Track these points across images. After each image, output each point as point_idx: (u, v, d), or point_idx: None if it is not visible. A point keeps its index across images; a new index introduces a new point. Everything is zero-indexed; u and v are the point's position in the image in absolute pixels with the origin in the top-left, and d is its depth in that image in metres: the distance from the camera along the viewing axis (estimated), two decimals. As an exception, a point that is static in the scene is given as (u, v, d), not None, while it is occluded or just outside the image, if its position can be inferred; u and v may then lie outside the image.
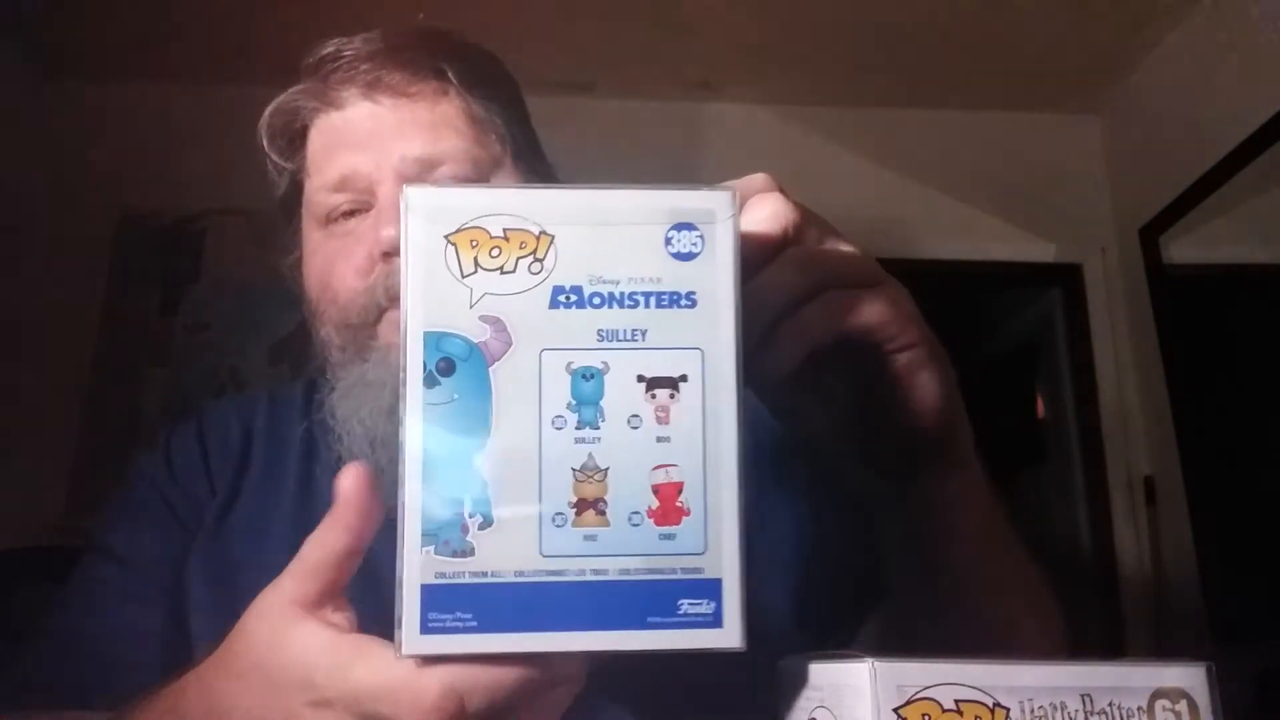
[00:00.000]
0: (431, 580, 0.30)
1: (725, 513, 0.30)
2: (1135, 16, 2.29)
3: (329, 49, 0.63)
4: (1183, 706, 0.31)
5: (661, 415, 0.31)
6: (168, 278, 2.47)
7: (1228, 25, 2.17)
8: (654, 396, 0.31)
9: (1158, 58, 2.43)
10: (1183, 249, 2.35)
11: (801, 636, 0.48)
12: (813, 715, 0.33)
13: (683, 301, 0.31)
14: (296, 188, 0.66)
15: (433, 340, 0.32)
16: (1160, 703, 0.31)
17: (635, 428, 0.31)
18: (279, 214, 0.70)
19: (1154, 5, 2.25)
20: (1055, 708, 0.31)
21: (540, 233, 0.32)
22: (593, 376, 0.31)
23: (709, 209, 0.32)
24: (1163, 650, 2.30)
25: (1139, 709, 0.31)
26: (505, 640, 0.30)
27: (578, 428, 0.31)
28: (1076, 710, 0.31)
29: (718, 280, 0.31)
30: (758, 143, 2.67)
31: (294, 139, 0.65)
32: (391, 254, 0.57)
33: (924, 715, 0.30)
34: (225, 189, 2.33)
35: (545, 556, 0.30)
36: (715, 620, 0.30)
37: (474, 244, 0.32)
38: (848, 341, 0.38)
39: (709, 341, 0.31)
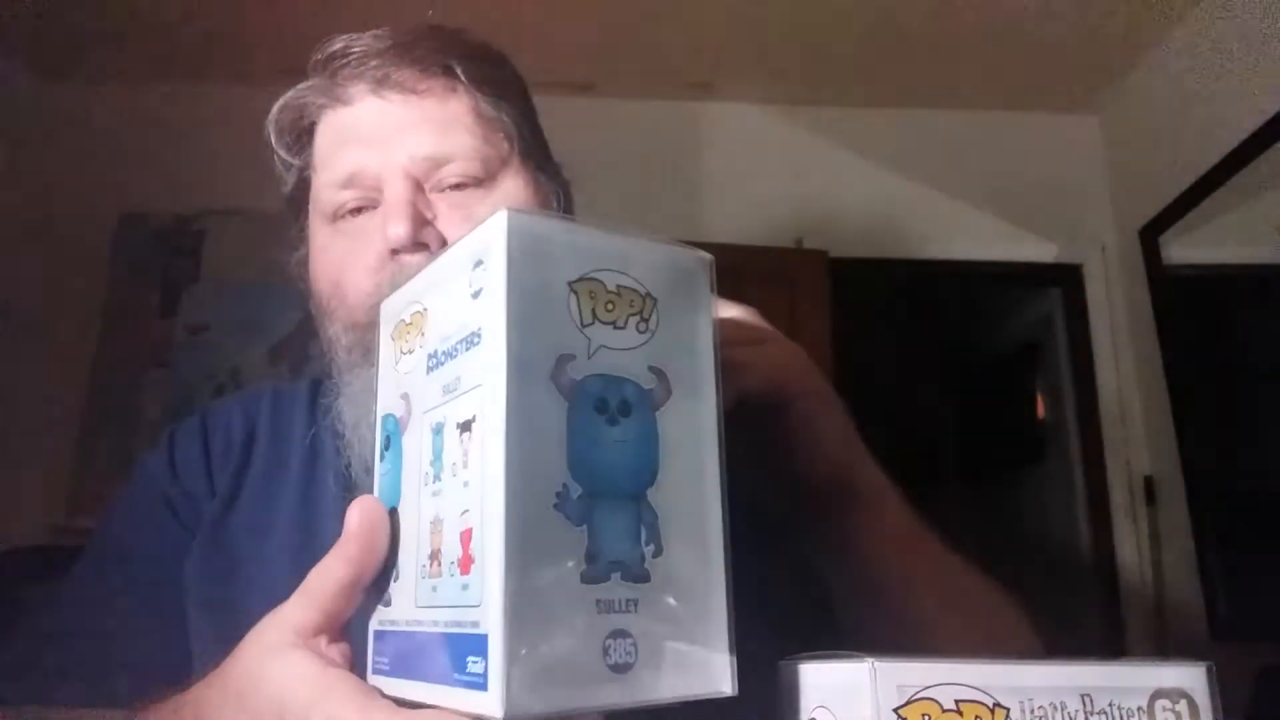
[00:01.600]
0: (376, 627, 0.35)
1: (491, 561, 0.27)
2: (1135, 16, 2.29)
3: (337, 45, 0.63)
4: (1183, 706, 0.31)
5: (465, 460, 0.29)
6: (168, 278, 2.47)
7: (1227, 25, 2.17)
8: (464, 441, 0.30)
9: (1158, 58, 2.43)
10: (1183, 249, 2.35)
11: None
12: (813, 715, 0.33)
13: (474, 340, 0.30)
14: (303, 184, 0.66)
15: (384, 421, 0.36)
16: (1160, 703, 0.31)
17: (455, 475, 0.30)
18: (285, 210, 0.69)
19: (1154, 5, 2.25)
20: (1055, 708, 0.31)
21: (422, 309, 0.34)
22: (439, 431, 0.31)
23: (486, 242, 0.30)
24: (1163, 650, 2.30)
25: (1139, 709, 0.31)
26: (389, 684, 0.32)
27: (434, 481, 0.31)
28: (1076, 710, 0.31)
29: (493, 313, 0.28)
30: (758, 143, 2.67)
31: (301, 135, 0.65)
32: (400, 251, 0.57)
33: (924, 715, 0.30)
34: (225, 189, 2.33)
35: (417, 607, 0.32)
36: (482, 682, 0.26)
37: (395, 336, 0.36)
38: (742, 397, 0.38)
39: (488, 378, 0.28)
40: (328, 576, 0.34)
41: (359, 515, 0.34)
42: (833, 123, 2.68)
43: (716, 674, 0.30)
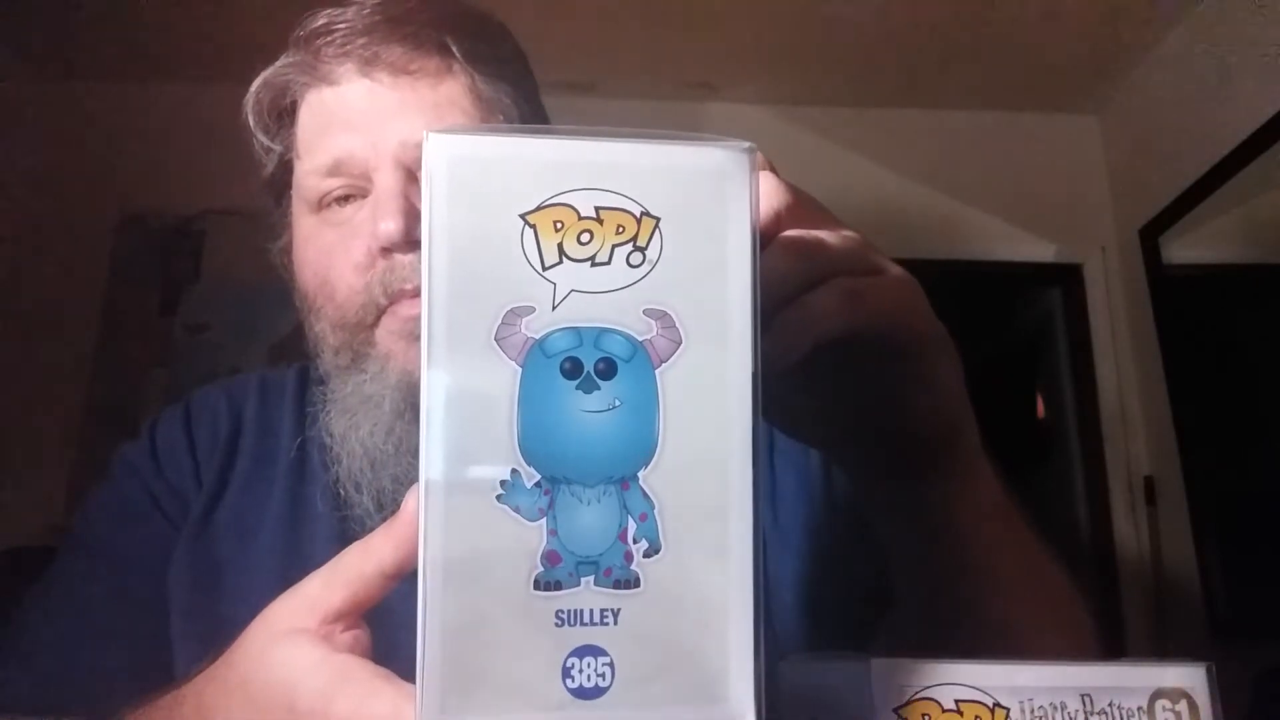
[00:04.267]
0: None
1: (420, 565, 0.24)
2: (1135, 17, 2.28)
3: (320, 21, 0.58)
4: (1183, 706, 0.31)
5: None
6: (168, 278, 2.47)
7: (1227, 26, 2.17)
8: None
9: (1158, 58, 2.42)
10: (1183, 249, 2.34)
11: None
12: (813, 715, 0.33)
13: None
14: (285, 167, 0.61)
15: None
16: (1160, 703, 0.31)
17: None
18: (265, 195, 0.65)
19: (1154, 5, 2.25)
20: (1055, 708, 0.31)
21: None
22: None
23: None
24: (1163, 650, 2.30)
25: (1139, 709, 0.31)
26: None
27: None
28: (1076, 710, 0.31)
29: (422, 269, 0.24)
30: (758, 143, 2.66)
31: (282, 115, 0.61)
32: (390, 249, 0.54)
33: (924, 715, 0.30)
34: (225, 189, 2.32)
35: None
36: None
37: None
38: (855, 333, 0.33)
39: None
40: (369, 558, 0.30)
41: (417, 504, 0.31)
42: (833, 123, 2.68)
43: (733, 703, 0.23)
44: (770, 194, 0.33)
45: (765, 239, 0.32)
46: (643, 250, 0.24)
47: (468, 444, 0.23)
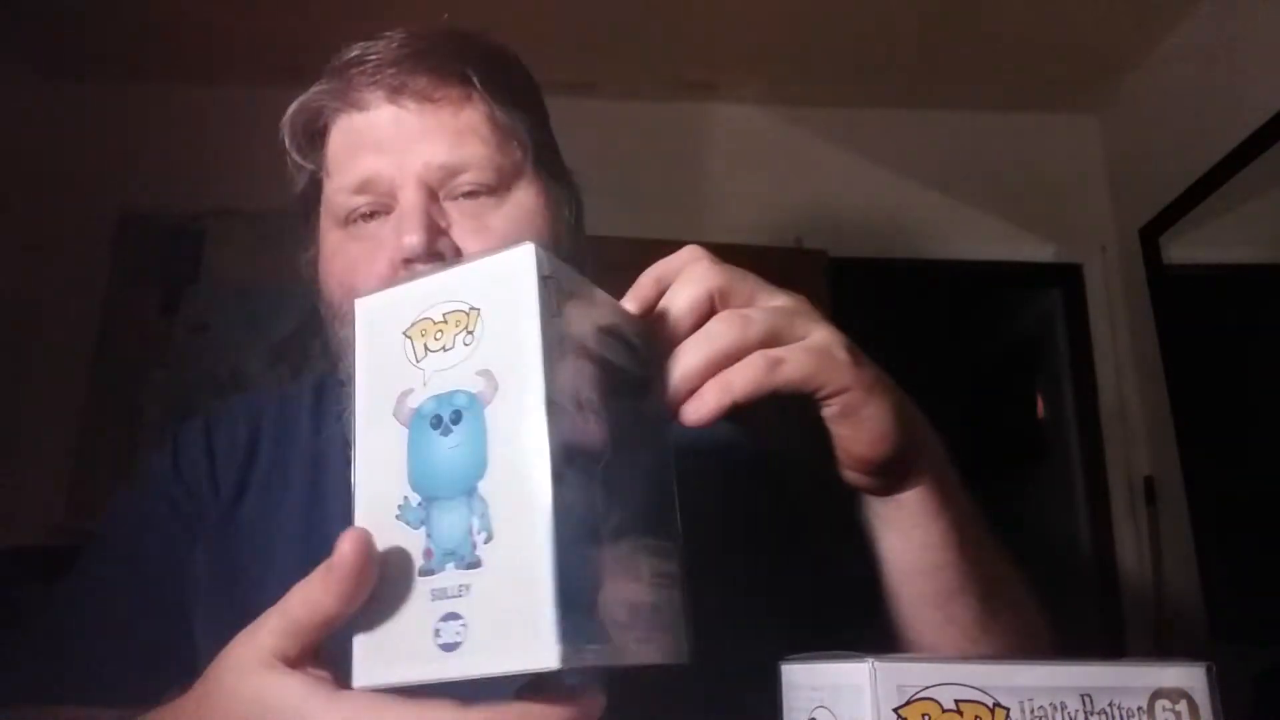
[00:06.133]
0: None
1: None
2: (1135, 16, 2.29)
3: (353, 53, 0.62)
4: (1183, 706, 0.31)
5: None
6: (168, 278, 2.47)
7: (1228, 25, 2.17)
8: None
9: (1158, 58, 2.43)
10: (1183, 249, 2.35)
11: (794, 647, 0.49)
12: (813, 715, 0.33)
13: None
14: (315, 185, 0.66)
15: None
16: (1160, 703, 0.31)
17: None
18: (295, 209, 0.69)
19: (1154, 5, 2.25)
20: (1055, 708, 0.31)
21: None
22: None
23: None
24: (1163, 650, 2.30)
25: (1139, 709, 0.31)
26: None
27: None
28: (1076, 710, 0.31)
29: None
30: (758, 143, 2.67)
31: (314, 137, 0.65)
32: (413, 261, 0.57)
33: (924, 715, 0.30)
34: (225, 189, 2.33)
35: None
36: None
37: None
38: (775, 392, 0.39)
39: None
40: (314, 609, 0.32)
41: (352, 547, 0.32)
42: (833, 123, 2.68)
43: (540, 648, 0.29)
44: (704, 277, 0.40)
45: (701, 318, 0.40)
46: (471, 333, 0.34)
47: (381, 484, 0.34)
